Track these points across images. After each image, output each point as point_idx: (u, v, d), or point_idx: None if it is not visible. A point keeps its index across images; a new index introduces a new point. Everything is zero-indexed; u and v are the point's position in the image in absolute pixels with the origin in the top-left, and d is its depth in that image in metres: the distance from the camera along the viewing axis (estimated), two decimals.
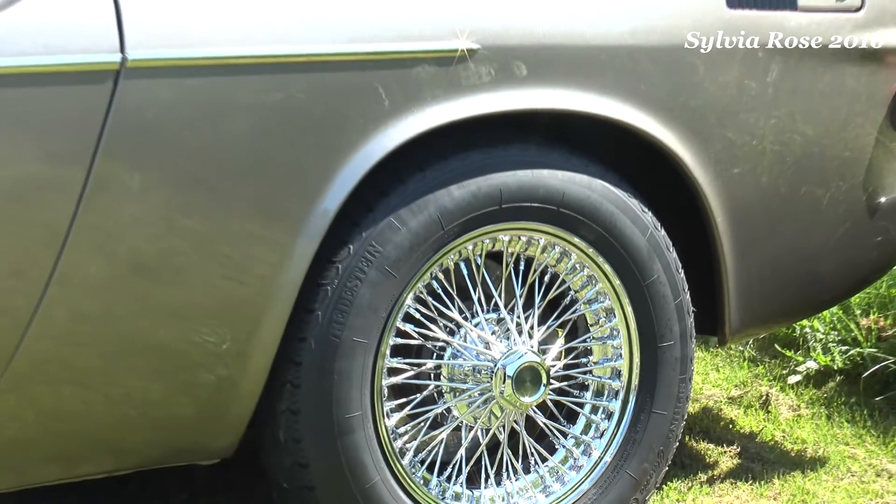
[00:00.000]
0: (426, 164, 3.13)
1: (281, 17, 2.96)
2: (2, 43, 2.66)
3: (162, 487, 3.59)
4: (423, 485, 3.24)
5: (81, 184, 2.75)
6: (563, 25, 3.22)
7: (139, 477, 3.31)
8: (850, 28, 3.56)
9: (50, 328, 2.82)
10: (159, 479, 3.52)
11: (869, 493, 3.76)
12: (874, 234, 3.72)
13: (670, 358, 3.43)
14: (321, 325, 3.07)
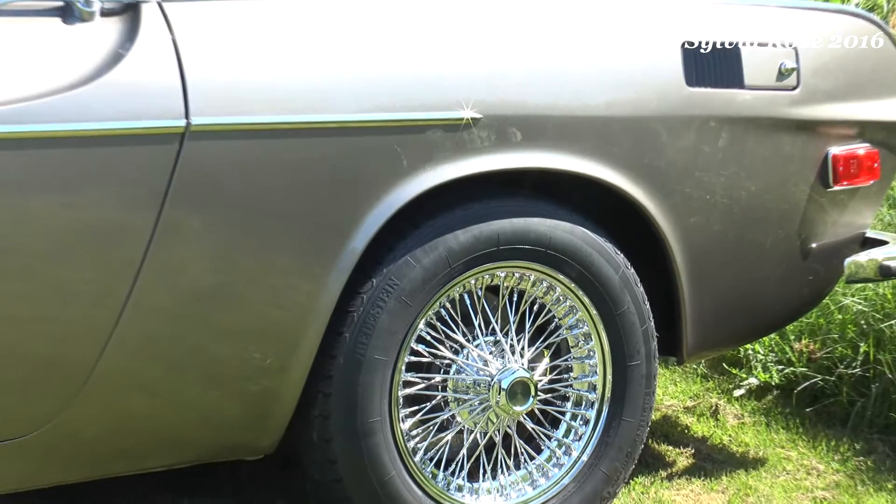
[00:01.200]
0: (437, 212, 3.15)
1: (317, 89, 2.99)
2: (89, 110, 2.69)
3: (211, 481, 3.58)
4: (431, 478, 3.25)
5: (152, 226, 2.78)
6: (549, 99, 3.24)
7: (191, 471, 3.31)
8: (787, 103, 3.57)
9: (124, 345, 2.83)
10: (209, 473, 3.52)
11: (801, 489, 3.77)
12: (807, 274, 3.73)
13: (637, 375, 3.43)
14: (349, 345, 3.08)
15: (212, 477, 3.60)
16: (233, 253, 2.95)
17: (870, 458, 4.01)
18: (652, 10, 3.60)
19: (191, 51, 2.86)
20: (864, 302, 4.40)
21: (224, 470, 3.47)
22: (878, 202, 3.93)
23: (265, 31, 3.02)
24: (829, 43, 3.72)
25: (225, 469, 3.44)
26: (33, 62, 2.76)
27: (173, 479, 3.47)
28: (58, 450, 2.92)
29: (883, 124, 3.78)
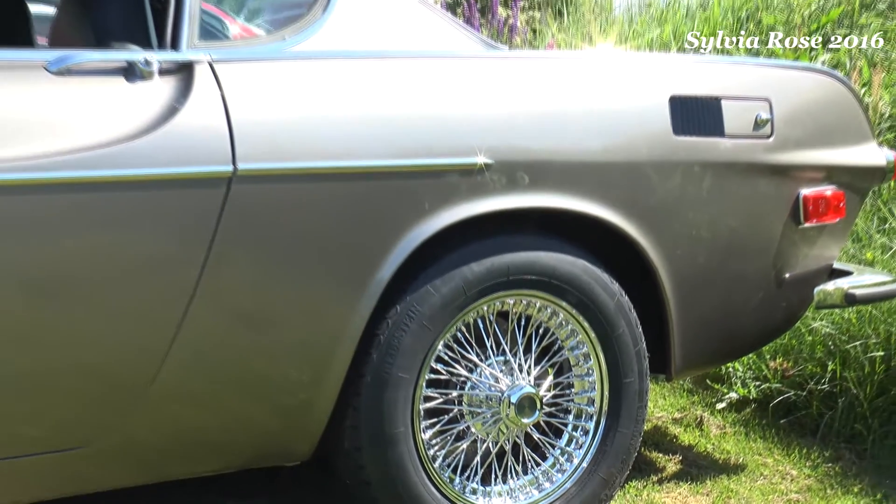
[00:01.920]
0: (454, 247, 3.17)
1: (347, 138, 3.02)
2: (149, 157, 2.73)
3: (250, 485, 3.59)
4: (448, 482, 3.25)
5: (204, 257, 2.82)
6: (552, 146, 3.26)
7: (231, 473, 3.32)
8: (763, 150, 3.58)
9: (178, 363, 2.85)
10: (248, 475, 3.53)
11: (777, 492, 3.77)
12: (781, 301, 3.74)
13: (631, 391, 3.44)
14: (376, 364, 3.10)
15: (250, 479, 3.61)
16: (274, 282, 2.97)
17: (837, 465, 4.01)
18: (642, 67, 3.64)
19: (237, 105, 2.90)
20: (831, 325, 4.40)
21: (262, 473, 3.47)
22: (843, 237, 3.94)
23: (302, 88, 3.06)
24: (799, 96, 3.74)
25: (262, 472, 3.44)
26: (102, 115, 2.79)
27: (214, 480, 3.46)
28: (118, 457, 2.93)
29: (847, 168, 3.79)
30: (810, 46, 6.97)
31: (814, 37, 7.08)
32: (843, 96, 3.87)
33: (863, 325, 4.33)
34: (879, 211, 5.03)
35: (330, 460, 3.24)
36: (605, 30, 8.69)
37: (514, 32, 9.30)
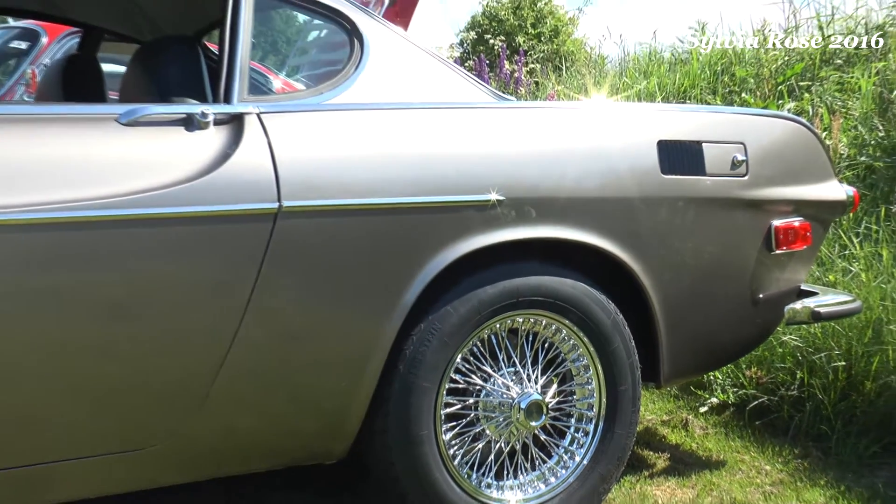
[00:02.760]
0: (471, 272, 3.17)
1: (377, 178, 3.04)
2: (206, 196, 2.76)
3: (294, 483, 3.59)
4: (466, 478, 3.25)
5: (253, 282, 2.83)
6: (556, 184, 3.27)
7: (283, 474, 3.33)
8: (739, 187, 3.59)
9: (232, 374, 2.86)
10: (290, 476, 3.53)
11: (753, 485, 3.77)
12: (756, 318, 3.74)
13: (625, 397, 3.44)
14: (402, 375, 3.10)
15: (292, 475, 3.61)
16: (314, 304, 2.98)
17: (806, 461, 4.01)
18: (633, 115, 3.65)
19: (282, 150, 2.92)
20: (799, 339, 4.40)
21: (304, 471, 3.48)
22: (810, 262, 3.94)
23: (338, 135, 3.08)
24: (770, 140, 3.74)
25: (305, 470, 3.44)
26: (165, 160, 2.81)
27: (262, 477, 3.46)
28: (178, 457, 2.94)
29: (813, 202, 3.80)
30: (778, 96, 6.99)
31: (780, 87, 7.10)
32: (808, 139, 3.88)
33: (827, 338, 4.32)
34: (840, 239, 5.04)
35: (363, 459, 3.23)
36: (598, 82, 8.70)
37: (518, 84, 9.33)
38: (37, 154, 2.71)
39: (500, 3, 12.27)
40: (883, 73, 6.28)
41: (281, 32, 5.74)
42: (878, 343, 4.17)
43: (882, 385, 4.10)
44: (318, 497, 3.51)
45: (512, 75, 9.50)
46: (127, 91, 3.50)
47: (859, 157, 5.78)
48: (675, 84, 7.84)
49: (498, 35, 11.51)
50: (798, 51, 7.62)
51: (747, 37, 8.25)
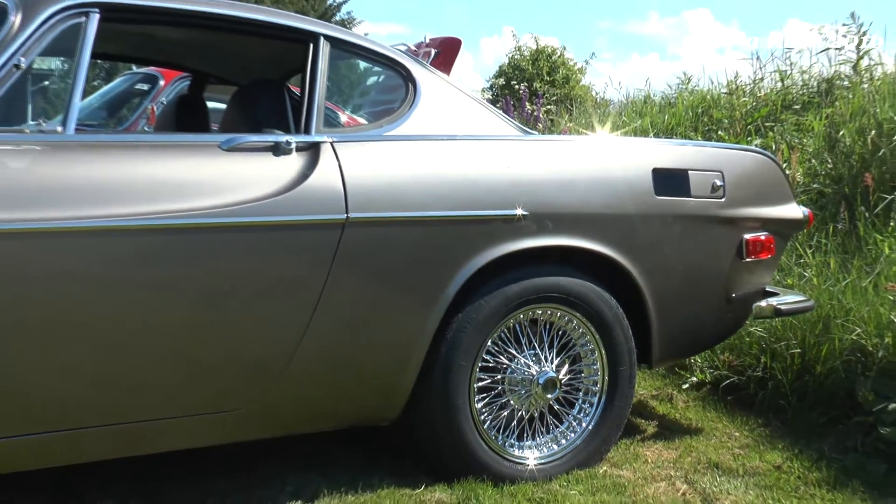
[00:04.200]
0: (500, 273, 3.16)
1: (424, 195, 3.04)
2: (289, 208, 2.81)
3: (348, 443, 3.56)
4: (493, 439, 3.23)
5: (325, 277, 2.85)
6: (570, 202, 3.26)
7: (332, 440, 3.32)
8: (717, 207, 3.55)
9: (305, 353, 2.87)
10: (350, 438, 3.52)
11: (725, 448, 3.73)
12: (729, 313, 3.70)
13: (624, 376, 3.41)
14: (443, 356, 3.09)
15: (347, 439, 3.58)
16: (373, 297, 2.98)
17: (767, 429, 3.95)
18: (632, 147, 3.63)
19: (349, 172, 2.94)
20: (763, 331, 4.35)
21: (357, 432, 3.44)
22: (773, 269, 3.91)
23: (394, 161, 3.08)
24: (742, 169, 3.70)
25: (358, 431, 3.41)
26: (257, 179, 2.83)
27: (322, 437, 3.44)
28: (259, 418, 2.94)
29: (776, 220, 3.76)
30: (747, 134, 6.95)
31: (749, 127, 7.07)
32: (772, 169, 3.84)
33: (786, 330, 4.28)
34: (797, 250, 4.99)
35: (409, 424, 3.21)
36: (602, 120, 8.68)
37: (537, 121, 9.35)
38: (156, 173, 2.74)
39: (522, 55, 12.29)
40: (831, 117, 6.23)
41: (346, 77, 5.80)
42: (826, 334, 4.13)
43: (829, 368, 4.05)
44: (367, 455, 3.48)
45: (532, 114, 9.51)
46: (227, 123, 3.52)
47: (812, 185, 5.74)
48: (664, 123, 7.82)
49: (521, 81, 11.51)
50: (763, 97, 7.59)
51: (723, 86, 8.25)
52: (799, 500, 3.24)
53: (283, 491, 3.10)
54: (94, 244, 2.58)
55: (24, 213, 2.48)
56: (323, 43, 3.16)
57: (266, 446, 3.30)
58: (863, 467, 3.48)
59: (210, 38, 3.62)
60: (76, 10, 2.75)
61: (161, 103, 7.04)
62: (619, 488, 3.25)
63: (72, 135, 2.69)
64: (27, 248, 2.49)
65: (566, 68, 12.26)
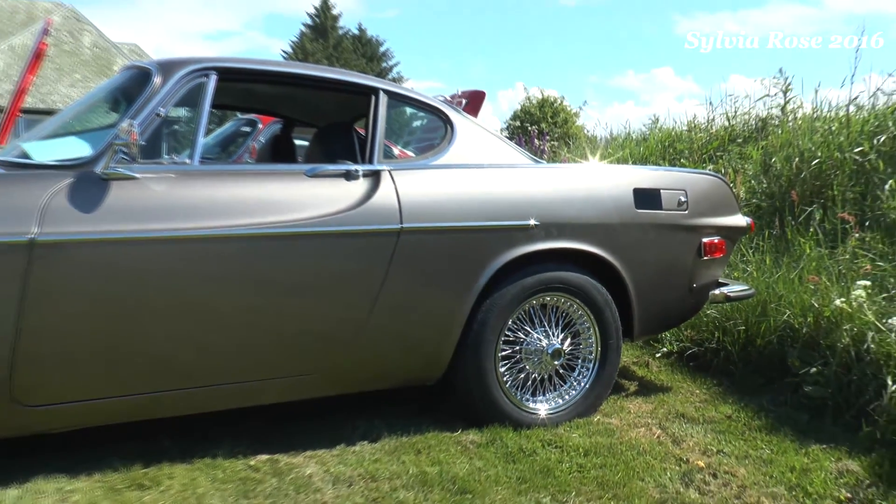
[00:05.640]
0: (517, 269, 3.13)
1: (461, 210, 3.02)
2: (357, 220, 2.81)
3: (401, 401, 3.54)
4: (513, 395, 3.19)
5: (384, 272, 2.86)
6: (570, 214, 3.22)
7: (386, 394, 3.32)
8: (682, 218, 3.51)
9: (370, 329, 2.87)
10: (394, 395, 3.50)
11: (689, 402, 3.68)
12: (692, 299, 3.65)
13: (612, 347, 3.36)
14: (475, 332, 3.08)
15: (401, 396, 3.56)
16: (421, 288, 2.97)
17: (720, 388, 3.90)
18: (618, 172, 3.58)
19: (403, 193, 2.94)
20: (717, 312, 4.30)
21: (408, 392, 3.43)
22: (724, 265, 3.84)
23: (437, 184, 3.07)
24: (700, 188, 3.64)
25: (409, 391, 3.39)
26: (333, 198, 2.83)
27: (378, 395, 3.42)
28: (331, 379, 2.94)
29: (726, 227, 3.71)
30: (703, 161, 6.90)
31: (704, 156, 7.01)
32: (723, 188, 3.79)
33: (734, 312, 4.23)
34: (741, 250, 4.93)
35: (449, 383, 3.18)
36: (593, 151, 8.64)
37: (543, 153, 9.35)
38: (258, 193, 2.75)
39: (531, 103, 12.30)
40: (765, 148, 6.18)
41: (398, 120, 5.87)
42: (764, 315, 4.08)
43: (767, 341, 4.00)
44: (417, 407, 3.46)
45: (539, 148, 9.50)
46: (310, 156, 3.51)
47: (752, 200, 5.68)
48: (640, 153, 7.78)
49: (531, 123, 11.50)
50: (715, 133, 7.54)
51: (683, 125, 8.20)
52: (745, 441, 3.19)
53: (353, 433, 3.09)
54: (213, 247, 2.61)
55: (165, 224, 2.54)
56: (382, 95, 3.16)
57: (341, 400, 3.29)
58: (791, 417, 3.44)
59: (297, 92, 3.64)
60: (200, 72, 2.81)
61: (260, 141, 7.08)
62: (609, 432, 3.21)
63: (197, 165, 2.73)
64: (167, 250, 2.54)
65: (565, 113, 12.24)
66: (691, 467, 2.90)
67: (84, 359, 2.48)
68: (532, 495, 2.61)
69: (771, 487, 2.76)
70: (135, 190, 2.53)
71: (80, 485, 2.55)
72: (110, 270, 2.46)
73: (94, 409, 2.56)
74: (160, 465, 2.70)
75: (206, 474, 2.66)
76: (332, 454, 2.89)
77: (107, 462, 2.69)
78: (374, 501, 2.53)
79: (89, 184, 2.48)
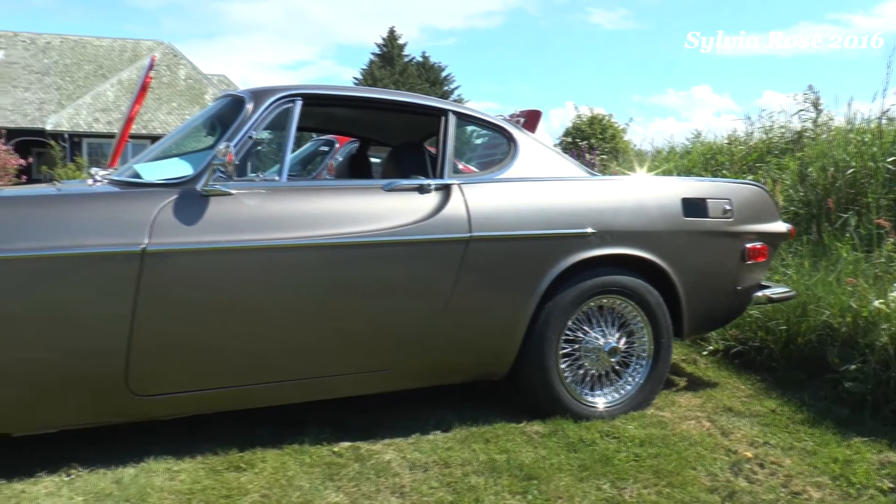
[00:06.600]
0: (576, 273, 3.07)
1: (524, 219, 2.99)
2: (431, 229, 2.81)
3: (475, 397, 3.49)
4: (573, 389, 3.12)
5: (455, 277, 2.83)
6: (623, 222, 3.15)
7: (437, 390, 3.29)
8: (727, 225, 3.41)
9: (442, 328, 2.86)
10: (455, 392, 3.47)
11: (735, 397, 3.57)
12: (736, 301, 3.54)
13: (664, 345, 3.27)
14: (538, 331, 3.02)
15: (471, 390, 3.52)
16: (489, 290, 2.93)
17: (764, 384, 3.77)
18: (666, 183, 3.48)
19: (472, 204, 2.91)
20: (760, 313, 4.17)
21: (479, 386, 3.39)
22: (766, 269, 3.70)
23: (501, 196, 3.02)
24: (744, 197, 3.53)
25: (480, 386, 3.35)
26: (408, 210, 2.82)
27: (443, 396, 3.38)
28: (407, 374, 2.92)
29: (768, 233, 3.59)
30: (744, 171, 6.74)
31: (744, 167, 6.85)
32: (765, 197, 3.67)
33: (776, 312, 4.10)
34: (781, 254, 4.78)
35: (514, 379, 3.13)
36: (640, 164, 8.52)
37: (594, 167, 9.26)
38: (339, 206, 2.76)
39: (581, 121, 12.19)
40: (802, 159, 6.01)
41: (459, 137, 5.90)
42: (804, 315, 3.96)
43: (807, 340, 3.88)
44: (485, 400, 3.41)
45: (590, 161, 9.40)
46: (385, 172, 3.50)
47: (790, 207, 5.53)
48: (684, 165, 7.63)
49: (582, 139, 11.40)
50: (753, 146, 7.36)
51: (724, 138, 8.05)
52: (789, 434, 3.09)
53: (427, 423, 3.07)
54: (300, 255, 2.63)
55: (258, 235, 2.58)
56: (451, 115, 3.14)
57: (415, 393, 3.27)
58: (832, 411, 3.32)
59: (373, 114, 3.65)
60: (287, 98, 2.84)
61: (337, 159, 7.14)
62: (662, 424, 3.13)
63: (285, 182, 2.76)
64: (260, 258, 2.57)
65: (613, 129, 12.08)
66: (739, 458, 2.81)
67: (187, 355, 2.54)
68: (593, 482, 2.56)
69: (816, 477, 2.66)
70: (231, 205, 2.57)
71: (186, 465, 2.60)
72: (209, 277, 2.51)
73: (196, 399, 2.61)
74: (254, 450, 2.72)
75: (295, 459, 2.67)
76: (407, 442, 2.87)
77: (207, 446, 2.73)
78: (449, 486, 2.50)
79: (191, 200, 2.53)
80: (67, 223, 2.37)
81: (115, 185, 2.74)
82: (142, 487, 2.42)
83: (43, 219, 2.36)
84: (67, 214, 2.40)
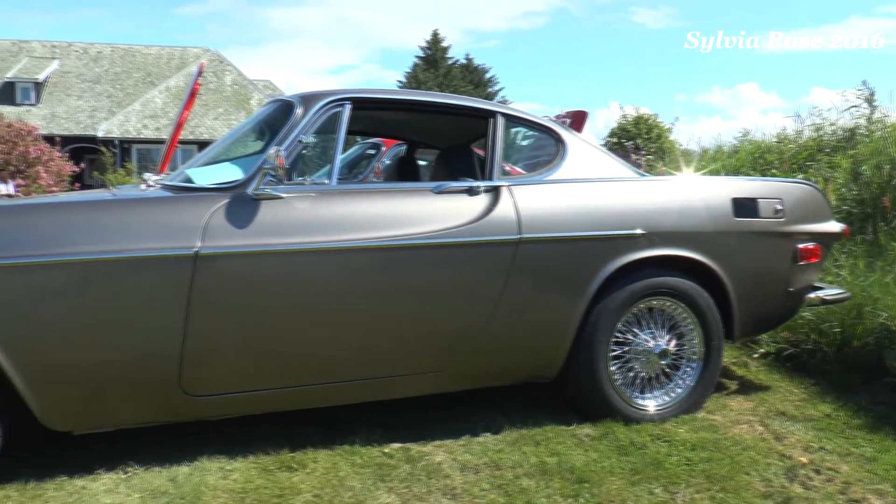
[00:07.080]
0: (626, 274, 3.04)
1: (574, 221, 2.97)
2: (481, 231, 2.81)
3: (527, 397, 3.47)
4: (623, 391, 3.08)
5: (505, 279, 2.81)
6: (672, 223, 3.10)
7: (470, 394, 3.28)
8: (778, 225, 3.33)
9: (491, 331, 2.84)
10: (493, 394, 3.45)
11: (787, 401, 3.49)
12: (788, 302, 3.45)
13: (715, 348, 3.21)
14: (588, 333, 3.00)
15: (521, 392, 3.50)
16: (539, 291, 2.92)
17: (818, 387, 3.68)
18: (717, 183, 3.41)
19: (521, 205, 2.90)
20: (812, 315, 4.07)
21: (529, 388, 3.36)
22: (819, 269, 3.63)
23: (551, 197, 3.00)
24: (795, 196, 3.45)
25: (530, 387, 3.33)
26: (458, 212, 2.82)
27: (497, 397, 3.36)
28: (458, 375, 2.91)
29: (821, 234, 3.50)
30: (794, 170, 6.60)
31: (794, 166, 6.70)
32: (817, 196, 3.58)
33: (829, 314, 4.01)
34: (834, 255, 4.67)
35: (564, 381, 3.11)
36: (687, 164, 8.39)
37: (640, 167, 9.17)
38: (389, 209, 2.77)
39: (627, 120, 12.05)
40: (854, 157, 5.86)
41: (508, 138, 5.88)
42: (859, 318, 3.88)
43: (863, 343, 3.80)
44: (535, 403, 3.39)
45: (636, 161, 9.30)
46: (434, 174, 3.50)
47: (843, 207, 5.39)
48: (732, 165, 7.49)
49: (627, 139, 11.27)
50: (803, 144, 7.19)
51: (772, 137, 7.88)
52: (846, 439, 3.01)
53: (477, 425, 3.06)
54: (351, 258, 2.64)
55: (308, 238, 2.60)
56: (500, 117, 3.13)
57: (465, 395, 3.26)
58: (891, 416, 3.24)
59: (421, 117, 3.65)
60: (337, 102, 2.87)
61: (384, 162, 7.17)
62: (713, 428, 3.08)
63: (335, 185, 2.78)
64: (310, 261, 2.59)
65: (658, 129, 11.91)
66: (794, 463, 2.75)
67: (238, 356, 2.57)
68: (645, 486, 2.52)
69: (876, 484, 2.59)
70: (281, 208, 2.60)
71: (238, 465, 2.63)
72: (261, 279, 2.54)
73: (248, 400, 2.64)
74: (305, 450, 2.75)
75: (346, 459, 2.68)
76: (458, 444, 2.87)
77: (259, 446, 2.76)
78: (500, 488, 2.50)
79: (243, 203, 2.56)
80: (123, 227, 2.42)
81: (167, 189, 2.79)
82: (196, 486, 2.46)
83: (99, 223, 2.41)
84: (123, 219, 2.46)
